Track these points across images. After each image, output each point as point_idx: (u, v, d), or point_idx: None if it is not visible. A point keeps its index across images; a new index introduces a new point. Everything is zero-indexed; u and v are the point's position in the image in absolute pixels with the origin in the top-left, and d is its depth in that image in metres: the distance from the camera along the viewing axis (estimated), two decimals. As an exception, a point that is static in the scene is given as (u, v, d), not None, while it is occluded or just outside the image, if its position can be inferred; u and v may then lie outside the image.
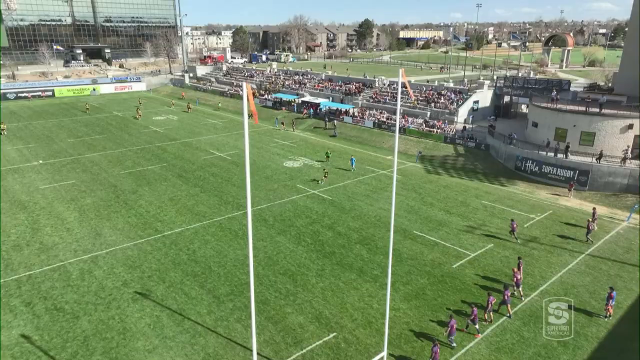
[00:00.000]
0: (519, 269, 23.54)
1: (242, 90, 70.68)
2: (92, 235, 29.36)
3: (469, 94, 56.84)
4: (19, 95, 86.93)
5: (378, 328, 20.06)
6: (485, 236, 29.73)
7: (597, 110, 39.04)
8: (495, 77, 61.77)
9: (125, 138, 56.34)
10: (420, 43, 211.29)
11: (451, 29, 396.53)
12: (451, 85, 60.55)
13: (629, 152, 37.08)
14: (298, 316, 21.14)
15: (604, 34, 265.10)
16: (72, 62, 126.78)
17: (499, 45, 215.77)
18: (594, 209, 31.80)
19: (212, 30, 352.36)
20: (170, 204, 34.79)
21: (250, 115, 30.03)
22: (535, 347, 19.38)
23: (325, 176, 40.07)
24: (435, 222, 31.85)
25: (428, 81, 67.48)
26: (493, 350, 19.17)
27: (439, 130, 51.85)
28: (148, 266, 25.55)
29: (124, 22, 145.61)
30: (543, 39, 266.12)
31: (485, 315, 20.83)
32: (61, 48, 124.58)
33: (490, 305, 20.69)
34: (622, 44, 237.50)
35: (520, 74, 75.42)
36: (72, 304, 21.96)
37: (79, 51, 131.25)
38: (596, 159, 37.29)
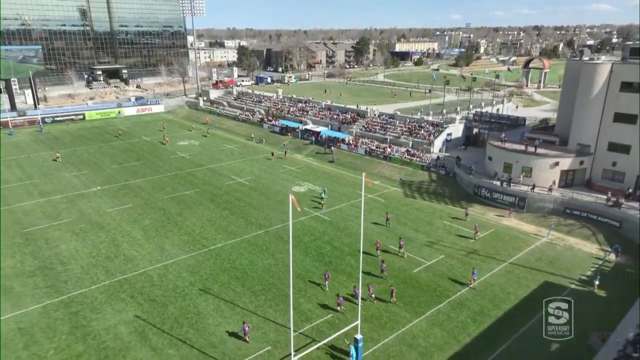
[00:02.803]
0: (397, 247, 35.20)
1: (252, 115, 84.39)
2: (159, 250, 41.05)
3: (444, 126, 68.58)
4: (55, 119, 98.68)
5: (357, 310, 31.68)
6: (439, 249, 41.38)
7: (534, 150, 50.76)
8: (466, 114, 73.38)
9: (159, 164, 68.00)
10: (415, 57, 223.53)
11: (447, 37, 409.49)
12: (430, 119, 72.26)
13: (555, 184, 48.83)
14: (307, 304, 32.76)
15: (590, 46, 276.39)
16: (94, 83, 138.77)
17: (488, 58, 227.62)
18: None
19: (216, 41, 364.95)
20: (209, 225, 46.49)
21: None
22: (456, 321, 31.04)
23: (322, 204, 51.22)
24: (405, 238, 43.37)
25: (412, 113, 79.08)
26: (430, 325, 30.80)
27: (417, 159, 63.60)
28: (204, 272, 37.22)
29: (139, 42, 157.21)
30: (533, 51, 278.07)
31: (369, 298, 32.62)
32: (90, 78, 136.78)
33: (370, 290, 32.49)
34: (607, 54, 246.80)
35: (494, 103, 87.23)
36: (160, 297, 33.64)
37: (99, 72, 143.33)
38: (531, 189, 49.04)
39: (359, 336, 27.08)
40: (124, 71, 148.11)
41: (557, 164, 49.56)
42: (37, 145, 79.29)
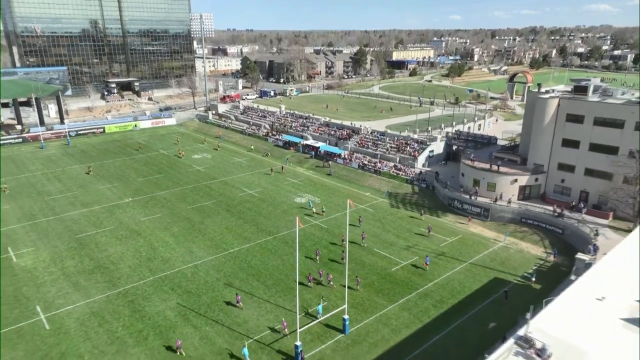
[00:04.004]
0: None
1: (258, 130, 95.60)
2: (188, 252, 50.99)
3: (427, 144, 78.50)
4: (79, 132, 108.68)
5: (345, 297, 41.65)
6: (414, 252, 51.28)
7: (497, 168, 60.70)
8: (447, 133, 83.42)
9: (179, 177, 77.93)
10: (411, 66, 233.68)
11: (443, 44, 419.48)
12: (415, 136, 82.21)
13: (515, 197, 58.81)
14: (308, 295, 42.65)
15: (580, 54, 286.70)
16: (108, 95, 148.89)
17: (480, 68, 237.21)
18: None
19: (219, 47, 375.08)
20: (227, 231, 56.44)
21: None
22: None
23: (314, 212, 61.29)
24: (387, 243, 53.40)
25: (400, 130, 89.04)
26: (400, 309, 40.70)
27: (403, 173, 73.53)
28: (226, 270, 47.15)
29: (149, 53, 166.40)
30: (525, 59, 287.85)
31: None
32: (105, 91, 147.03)
33: (329, 277, 42.79)
34: (596, 64, 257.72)
35: (475, 119, 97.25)
36: (194, 289, 43.57)
37: (113, 85, 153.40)
38: (494, 201, 58.99)
39: (346, 316, 37.07)
40: (136, 83, 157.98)
41: (516, 180, 59.53)
42: (68, 159, 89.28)
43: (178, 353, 34.53)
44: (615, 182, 53.57)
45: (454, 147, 78.99)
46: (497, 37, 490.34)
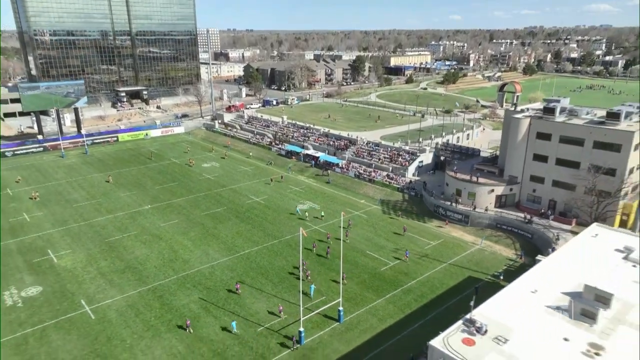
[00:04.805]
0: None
1: (262, 139, 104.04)
2: (205, 254, 58.71)
3: (417, 154, 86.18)
4: (94, 141, 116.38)
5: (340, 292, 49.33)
6: (402, 254, 58.89)
7: (476, 179, 68.38)
8: (435, 144, 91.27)
9: (192, 185, 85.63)
10: (408, 72, 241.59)
11: (441, 47, 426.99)
12: (407, 147, 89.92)
13: (492, 205, 66.52)
14: (309, 290, 50.37)
15: (573, 60, 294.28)
16: (119, 104, 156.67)
17: (474, 75, 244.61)
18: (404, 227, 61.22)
19: (221, 52, 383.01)
20: (237, 236, 64.14)
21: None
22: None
23: (321, 217, 69.20)
24: (378, 246, 61.09)
25: (394, 141, 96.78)
26: (387, 303, 48.39)
27: (395, 182, 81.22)
28: (239, 270, 54.88)
29: (157, 59, 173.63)
30: (519, 65, 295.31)
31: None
32: (115, 99, 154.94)
33: (307, 272, 50.71)
34: (587, 69, 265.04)
35: (464, 129, 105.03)
36: (212, 286, 51.28)
37: (123, 94, 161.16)
38: (473, 208, 66.70)
39: (341, 308, 44.79)
40: (144, 92, 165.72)
41: (493, 190, 67.24)
42: (88, 168, 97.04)
43: (187, 331, 42.84)
44: (577, 192, 61.23)
45: (442, 158, 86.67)
46: (494, 41, 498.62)
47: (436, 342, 27.71)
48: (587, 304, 30.45)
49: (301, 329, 41.59)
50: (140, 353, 40.50)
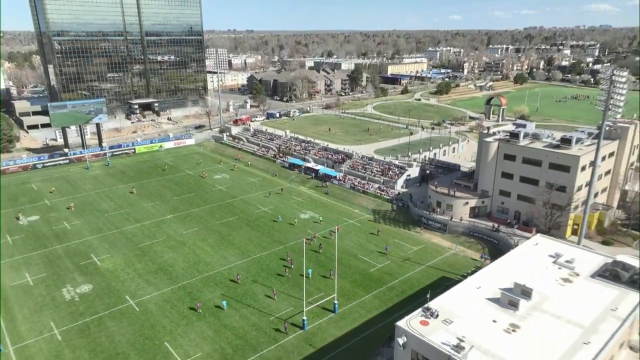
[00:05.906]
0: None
1: (267, 152, 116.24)
2: (223, 258, 70.03)
3: (405, 169, 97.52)
4: (114, 153, 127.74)
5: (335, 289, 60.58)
6: (387, 257, 70.14)
7: (453, 193, 79.69)
8: (422, 159, 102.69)
9: (206, 196, 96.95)
10: (404, 82, 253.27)
11: (437, 54, 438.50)
12: (397, 162, 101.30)
13: (466, 215, 77.88)
14: (310, 288, 61.62)
15: (564, 68, 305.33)
16: (132, 115, 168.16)
17: (467, 85, 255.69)
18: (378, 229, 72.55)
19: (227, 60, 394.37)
20: (249, 242, 75.45)
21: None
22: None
23: (320, 221, 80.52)
24: (368, 250, 72.35)
25: (385, 156, 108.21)
26: (373, 298, 59.67)
27: (385, 194, 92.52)
28: (252, 271, 66.19)
29: (166, 69, 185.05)
30: (512, 73, 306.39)
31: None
32: (129, 111, 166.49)
33: (292, 262, 62.56)
34: (577, 77, 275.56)
35: (450, 143, 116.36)
36: (231, 284, 62.59)
37: (136, 106, 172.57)
38: (450, 218, 78.08)
39: (336, 302, 56.17)
40: (156, 104, 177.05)
41: (467, 202, 78.62)
42: (112, 179, 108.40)
43: (198, 311, 55.01)
44: (536, 205, 72.51)
45: (427, 171, 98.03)
46: (490, 46, 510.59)
47: (401, 323, 38.95)
48: (514, 296, 41.73)
49: (304, 317, 52.95)
50: (179, 337, 51.84)
